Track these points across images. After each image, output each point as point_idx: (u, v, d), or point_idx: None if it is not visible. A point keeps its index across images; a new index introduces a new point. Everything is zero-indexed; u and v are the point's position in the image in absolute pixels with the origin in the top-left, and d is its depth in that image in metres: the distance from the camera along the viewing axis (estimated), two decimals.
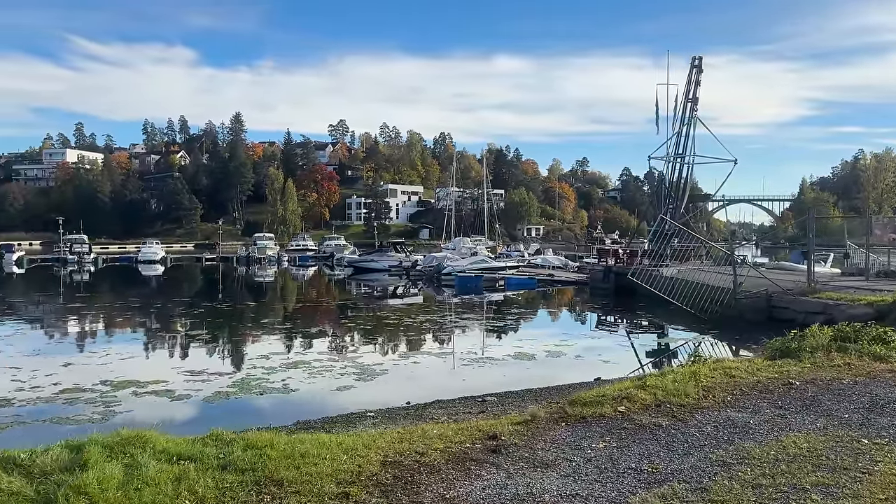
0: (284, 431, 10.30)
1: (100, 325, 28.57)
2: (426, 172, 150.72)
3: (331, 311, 34.33)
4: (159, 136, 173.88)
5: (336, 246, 77.81)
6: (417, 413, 12.76)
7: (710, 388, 10.10)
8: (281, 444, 6.82)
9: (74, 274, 62.05)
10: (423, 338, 24.14)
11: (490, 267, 48.21)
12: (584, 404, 9.33)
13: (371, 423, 12.11)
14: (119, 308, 35.66)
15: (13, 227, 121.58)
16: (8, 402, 13.81)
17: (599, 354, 20.19)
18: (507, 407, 12.87)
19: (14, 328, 25.61)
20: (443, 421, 11.11)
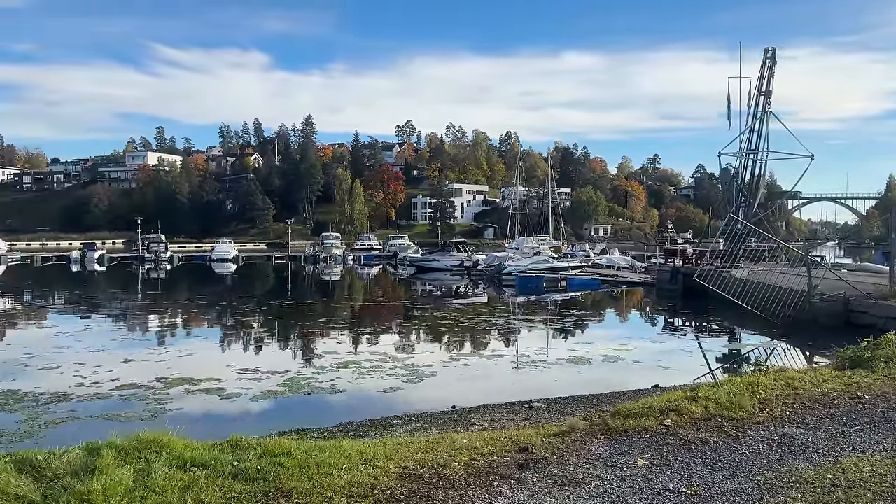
0: (313, 436, 10.16)
1: (165, 322, 29.44)
2: (491, 172, 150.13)
3: (388, 311, 34.39)
4: (235, 139, 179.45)
5: (400, 245, 78.31)
6: (460, 418, 12.44)
7: (768, 400, 9.38)
8: (299, 452, 6.62)
9: (151, 272, 64.51)
10: (476, 339, 23.79)
11: (552, 267, 47.35)
12: (627, 416, 8.80)
13: (412, 427, 11.87)
14: (186, 305, 36.83)
15: (98, 227, 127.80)
16: (66, 398, 14.23)
17: (660, 360, 19.35)
18: (553, 414, 12.42)
19: (85, 324, 26.67)
20: (483, 428, 10.76)
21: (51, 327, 26.50)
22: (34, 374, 16.71)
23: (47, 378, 16.11)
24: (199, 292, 47.04)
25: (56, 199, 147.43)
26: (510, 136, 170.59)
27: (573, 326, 27.71)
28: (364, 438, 10.86)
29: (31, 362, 18.05)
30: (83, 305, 34.83)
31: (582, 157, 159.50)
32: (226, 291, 47.61)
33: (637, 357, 19.90)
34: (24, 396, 14.25)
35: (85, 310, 32.66)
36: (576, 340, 23.37)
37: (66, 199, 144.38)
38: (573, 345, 22.02)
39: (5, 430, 11.86)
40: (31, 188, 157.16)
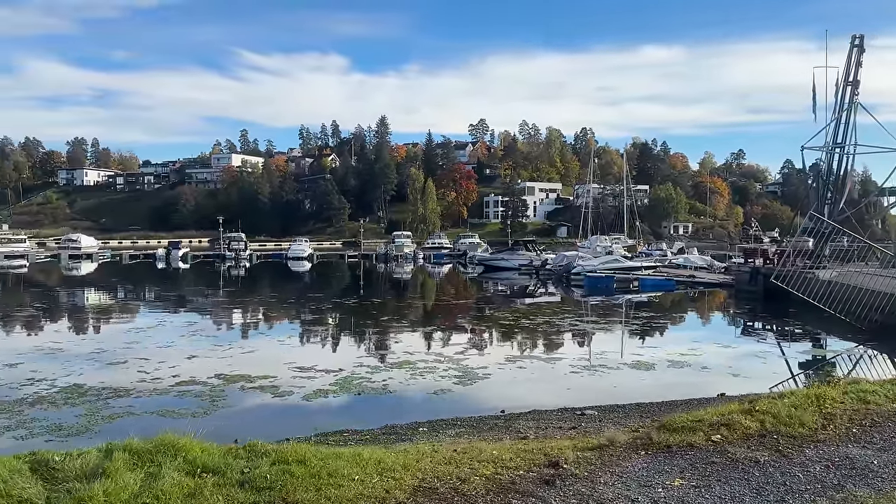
0: (354, 440, 10.04)
1: (234, 319, 30.20)
2: (565, 169, 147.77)
3: (451, 310, 34.13)
4: (314, 141, 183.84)
5: (470, 244, 78.06)
6: (506, 424, 12.05)
7: (833, 415, 8.58)
8: (314, 461, 6.42)
9: (231, 269, 66.69)
10: (536, 341, 23.25)
11: (623, 267, 45.97)
12: (674, 430, 8.21)
13: (455, 432, 11.57)
14: (257, 302, 37.74)
15: (186, 226, 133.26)
16: (126, 393, 14.67)
17: (731, 366, 18.33)
18: (604, 423, 11.85)
19: (158, 320, 27.68)
20: (524, 436, 10.34)
21: (125, 323, 27.68)
22: (101, 368, 17.37)
23: (113, 373, 16.70)
24: (271, 289, 48.27)
25: (146, 199, 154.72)
26: (585, 133, 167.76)
27: (641, 329, 26.71)
28: (403, 443, 10.65)
29: (101, 357, 18.80)
30: (160, 302, 36.28)
31: (661, 153, 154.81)
32: (297, 289, 48.59)
33: (706, 363, 18.93)
34: (88, 391, 14.78)
35: (160, 306, 34.00)
36: (641, 344, 22.47)
37: (156, 200, 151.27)
38: (638, 348, 21.18)
39: (65, 423, 12.27)
40: (124, 189, 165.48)
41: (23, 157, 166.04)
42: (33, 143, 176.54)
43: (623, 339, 24.04)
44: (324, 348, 21.10)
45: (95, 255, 76.92)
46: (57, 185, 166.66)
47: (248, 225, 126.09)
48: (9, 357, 18.58)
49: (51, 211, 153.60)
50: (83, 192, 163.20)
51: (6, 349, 20.08)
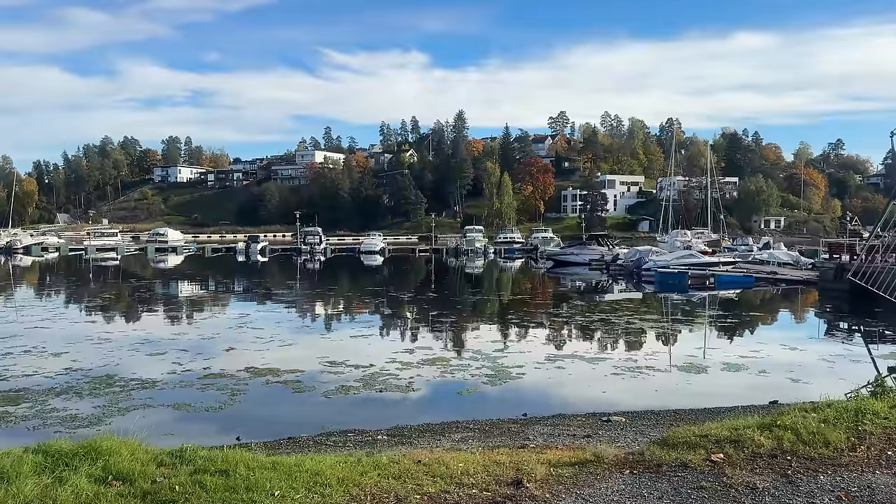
0: (350, 443, 9.48)
1: (282, 312, 30.27)
2: (649, 161, 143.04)
3: (502, 306, 32.99)
4: (393, 137, 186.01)
5: (542, 239, 76.52)
6: (520, 429, 11.24)
7: (869, 434, 7.36)
8: (242, 471, 5.90)
9: (307, 262, 67.98)
10: (583, 339, 22.04)
11: (699, 262, 43.57)
12: (672, 445, 7.26)
13: (461, 436, 10.87)
14: (315, 294, 38.02)
15: (271, 221, 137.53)
16: (153, 385, 14.73)
17: (792, 371, 16.72)
18: (627, 431, 10.87)
19: (210, 311, 28.19)
20: (526, 445, 9.51)
21: (175, 313, 28.27)
22: (138, 360, 17.60)
23: (146, 365, 16.87)
24: (336, 283, 48.67)
25: (235, 195, 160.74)
26: (671, 124, 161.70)
27: (703, 328, 25.02)
28: (392, 449, 10.04)
29: (143, 348, 19.10)
30: (222, 293, 37.07)
31: (752, 144, 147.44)
32: (361, 282, 48.81)
33: (767, 366, 17.36)
34: (117, 381, 14.94)
35: (222, 298, 34.73)
36: (700, 345, 20.94)
37: (244, 196, 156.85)
38: (695, 349, 19.72)
39: (80, 414, 12.36)
40: (215, 186, 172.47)
41: (121, 156, 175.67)
42: (131, 142, 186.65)
43: (680, 338, 22.53)
44: (360, 342, 20.66)
45: (180, 248, 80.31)
46: (153, 182, 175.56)
47: (328, 219, 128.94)
48: (59, 345, 19.18)
49: (146, 206, 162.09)
50: (177, 189, 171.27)
51: (62, 337, 20.73)
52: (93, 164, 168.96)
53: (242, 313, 27.81)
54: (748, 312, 31.21)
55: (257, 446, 10.63)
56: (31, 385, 14.56)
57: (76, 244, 79.84)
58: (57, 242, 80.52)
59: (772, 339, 22.74)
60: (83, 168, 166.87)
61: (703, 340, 22.06)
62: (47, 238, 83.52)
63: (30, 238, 79.11)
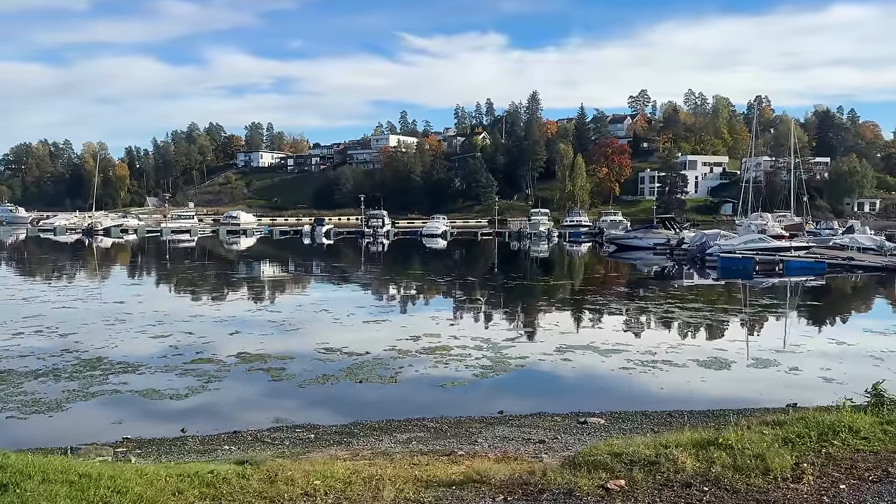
0: (306, 438, 8.78)
1: (310, 294, 30.07)
2: (734, 141, 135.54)
3: (539, 291, 31.27)
4: (468, 120, 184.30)
5: (610, 222, 73.76)
6: (478, 431, 10.25)
7: (830, 460, 5.99)
8: (32, 483, 5.23)
9: (370, 245, 68.13)
10: (605, 329, 20.28)
11: (768, 247, 40.58)
12: (578, 465, 6.18)
13: (407, 436, 10.01)
14: (346, 276, 37.63)
15: (346, 204, 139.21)
16: (135, 368, 14.58)
17: (829, 368, 14.91)
18: (600, 435, 9.64)
19: (246, 294, 28.22)
20: (457, 452, 8.53)
21: (211, 294, 28.45)
22: (139, 340, 17.57)
23: (142, 345, 16.81)
24: (388, 265, 48.23)
25: (313, 179, 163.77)
26: (760, 102, 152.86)
27: (750, 318, 22.90)
28: (332, 447, 9.28)
29: (153, 329, 19.10)
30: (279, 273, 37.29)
31: (847, 122, 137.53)
32: (408, 265, 48.17)
33: (801, 363, 15.56)
34: (102, 363, 14.88)
35: (255, 282, 34.93)
36: (734, 336, 19.15)
37: (321, 180, 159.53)
38: (727, 342, 18.01)
39: (44, 398, 12.23)
40: (294, 170, 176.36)
41: (207, 142, 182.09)
42: (216, 129, 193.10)
43: (712, 330, 20.66)
44: (367, 327, 19.97)
45: (249, 230, 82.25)
46: (236, 167, 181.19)
47: (400, 203, 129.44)
48: (62, 326, 19.46)
49: (230, 190, 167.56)
50: (258, 174, 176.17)
51: (77, 318, 21.06)
52: (180, 149, 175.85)
53: (265, 296, 27.71)
54: (810, 301, 28.68)
55: (193, 440, 10.14)
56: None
57: (154, 226, 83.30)
58: (136, 225, 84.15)
59: (820, 332, 20.64)
60: (171, 154, 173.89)
61: (740, 332, 20.19)
62: (127, 220, 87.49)
63: (110, 221, 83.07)
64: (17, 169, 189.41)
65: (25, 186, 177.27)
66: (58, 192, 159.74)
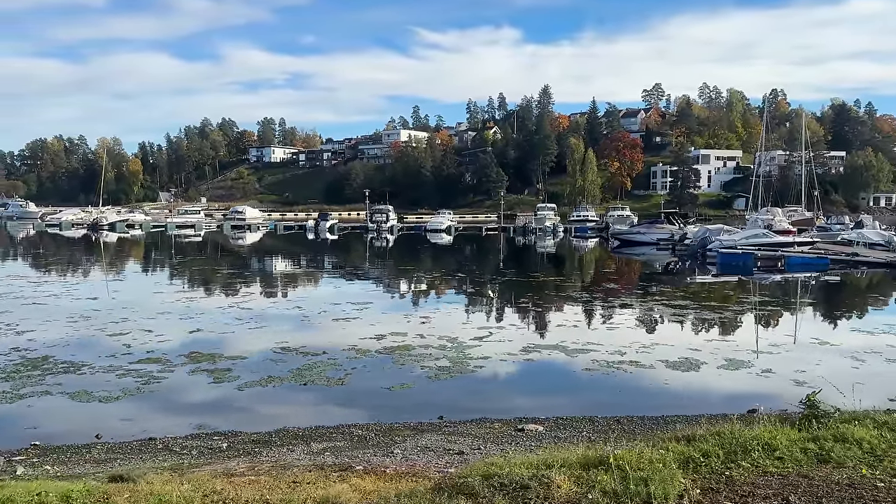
0: (216, 447, 8.23)
1: (288, 289, 29.64)
2: (748, 135, 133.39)
3: (524, 288, 30.20)
4: (480, 114, 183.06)
5: (617, 217, 72.64)
6: (401, 440, 9.61)
7: (724, 484, 5.30)
8: None
9: (374, 241, 67.50)
10: (576, 328, 19.36)
11: (770, 243, 39.48)
12: (443, 490, 5.51)
13: (326, 445, 9.42)
14: (334, 272, 37.13)
15: (357, 199, 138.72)
16: (76, 368, 14.08)
17: (804, 371, 14.13)
18: (530, 446, 8.97)
19: (221, 290, 27.78)
20: (356, 467, 7.93)
21: (186, 290, 28.01)
22: (95, 339, 17.17)
23: (94, 344, 16.40)
24: (377, 259, 47.63)
25: (324, 174, 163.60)
26: (776, 95, 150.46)
27: (734, 317, 22.00)
28: (241, 458, 8.72)
29: (113, 327, 18.68)
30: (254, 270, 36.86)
31: (864, 116, 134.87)
32: (408, 260, 47.55)
33: (776, 364, 14.79)
34: (46, 362, 14.48)
35: (244, 276, 34.50)
36: (712, 336, 18.32)
37: (332, 175, 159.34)
38: (702, 342, 17.24)
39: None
40: (305, 165, 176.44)
41: (219, 137, 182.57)
42: (229, 124, 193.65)
43: (693, 329, 19.82)
44: (333, 326, 19.36)
45: (254, 225, 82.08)
46: (248, 162, 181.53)
47: (410, 198, 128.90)
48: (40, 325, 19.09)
49: (242, 186, 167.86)
50: (270, 169, 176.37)
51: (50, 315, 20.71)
52: (192, 145, 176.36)
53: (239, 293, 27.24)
54: (800, 298, 27.73)
55: (109, 447, 9.64)
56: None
57: (161, 221, 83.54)
58: (142, 220, 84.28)
59: (802, 331, 19.69)
60: (184, 149, 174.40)
61: (713, 332, 19.29)
62: (135, 215, 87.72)
63: (115, 215, 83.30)
64: (33, 164, 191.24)
65: (41, 182, 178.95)
66: (72, 188, 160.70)
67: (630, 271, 40.86)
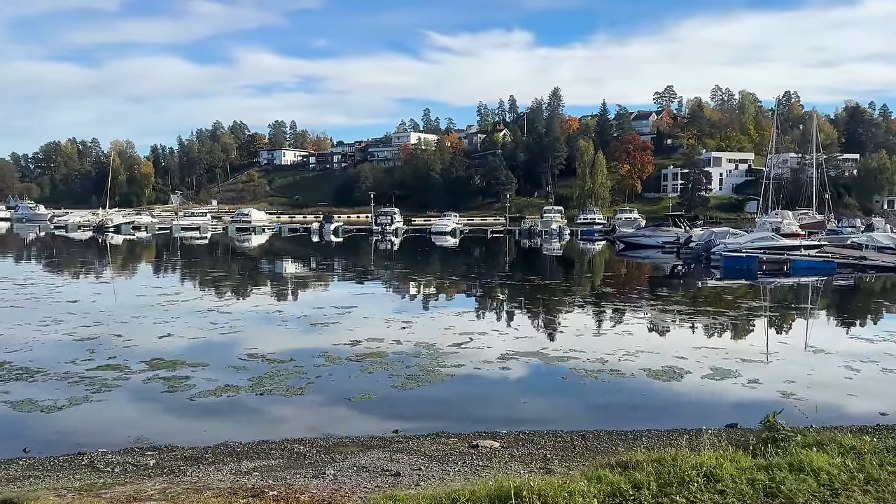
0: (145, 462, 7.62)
1: (275, 293, 29.10)
2: (760, 137, 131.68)
3: (512, 291, 29.68)
4: (490, 117, 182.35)
5: (624, 220, 71.63)
6: (343, 458, 8.92)
7: None
8: None
9: (378, 243, 66.94)
10: (563, 333, 18.66)
11: (775, 246, 38.50)
12: None
13: (253, 465, 8.75)
14: (325, 275, 36.56)
15: (366, 202, 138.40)
16: (29, 375, 13.53)
17: (794, 381, 13.36)
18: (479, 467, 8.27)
19: (207, 293, 27.27)
20: (280, 491, 7.27)
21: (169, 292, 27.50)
22: (61, 343, 16.67)
23: (57, 349, 15.89)
24: (374, 262, 46.97)
25: (334, 177, 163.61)
26: (789, 97, 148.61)
27: (728, 323, 21.08)
28: (160, 477, 8.08)
29: (84, 331, 18.13)
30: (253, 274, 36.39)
31: (879, 118, 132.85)
32: (399, 261, 46.93)
33: (761, 374, 13.98)
34: (4, 369, 13.91)
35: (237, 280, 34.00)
36: (701, 343, 17.46)
37: (342, 178, 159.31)
38: (690, 349, 16.39)
39: None
40: (316, 168, 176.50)
41: (231, 140, 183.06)
42: (240, 127, 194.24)
43: (682, 335, 19.02)
44: (308, 331, 18.69)
45: (259, 227, 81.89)
46: (259, 165, 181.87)
47: (419, 200, 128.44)
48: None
49: (252, 188, 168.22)
50: (281, 171, 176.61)
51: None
52: (204, 147, 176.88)
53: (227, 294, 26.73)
54: (801, 304, 26.80)
55: (32, 463, 9.03)
56: None
57: (166, 223, 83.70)
58: (149, 222, 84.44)
59: (798, 338, 18.87)
60: (195, 151, 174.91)
61: (703, 338, 18.46)
62: (141, 217, 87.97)
63: (121, 218, 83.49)
64: (47, 167, 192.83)
65: (54, 184, 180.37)
66: (85, 190, 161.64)
67: (630, 275, 40.05)
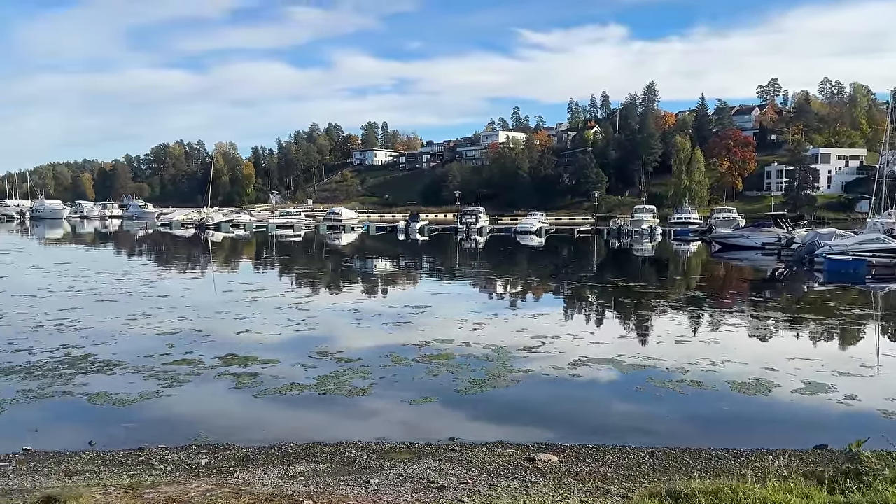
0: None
1: (356, 290, 29.29)
2: (873, 133, 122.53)
3: (600, 294, 28.50)
4: (581, 114, 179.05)
5: (723, 219, 68.20)
6: (393, 465, 8.62)
7: None
8: None
9: (463, 242, 66.81)
10: (643, 339, 17.83)
11: (886, 248, 35.42)
12: None
13: (300, 469, 8.57)
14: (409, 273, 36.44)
15: (453, 201, 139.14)
16: (107, 368, 14.02)
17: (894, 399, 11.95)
18: (527, 483, 7.78)
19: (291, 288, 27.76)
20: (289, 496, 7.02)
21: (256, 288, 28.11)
22: (145, 337, 17.25)
23: (139, 343, 16.46)
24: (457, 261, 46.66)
25: (423, 176, 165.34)
26: None
27: (830, 331, 19.35)
28: (211, 476, 8.04)
29: (169, 325, 18.76)
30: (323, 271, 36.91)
31: None
32: (482, 260, 46.39)
33: (861, 390, 12.65)
34: (85, 360, 14.59)
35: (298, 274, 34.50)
36: (794, 353, 15.87)
37: (430, 177, 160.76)
38: (782, 359, 14.96)
39: None
40: (406, 168, 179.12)
41: (326, 141, 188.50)
42: (335, 129, 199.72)
43: (775, 343, 17.61)
44: (381, 330, 18.53)
45: (348, 226, 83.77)
46: (352, 165, 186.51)
47: (508, 199, 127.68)
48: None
49: (345, 188, 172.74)
50: (372, 171, 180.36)
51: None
52: (301, 149, 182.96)
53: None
54: None
55: (94, 457, 9.23)
56: None
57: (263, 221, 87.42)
58: (247, 220, 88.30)
59: None
60: (293, 153, 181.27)
61: (797, 348, 16.92)
62: (240, 215, 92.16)
63: (221, 216, 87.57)
64: (157, 168, 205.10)
65: (163, 184, 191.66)
66: (191, 189, 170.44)
67: (724, 278, 37.98)
